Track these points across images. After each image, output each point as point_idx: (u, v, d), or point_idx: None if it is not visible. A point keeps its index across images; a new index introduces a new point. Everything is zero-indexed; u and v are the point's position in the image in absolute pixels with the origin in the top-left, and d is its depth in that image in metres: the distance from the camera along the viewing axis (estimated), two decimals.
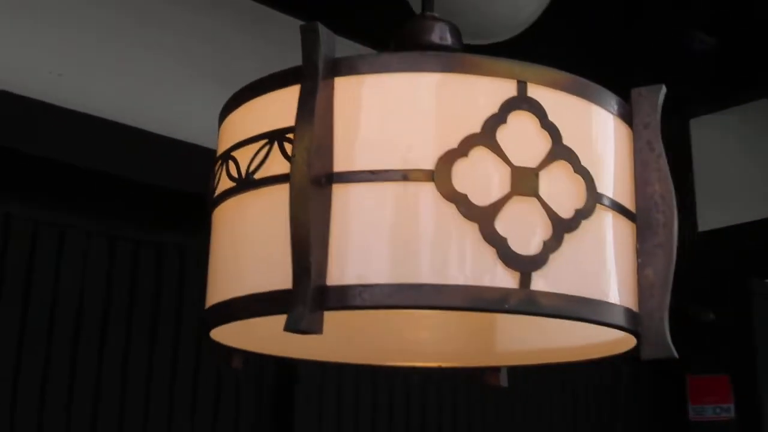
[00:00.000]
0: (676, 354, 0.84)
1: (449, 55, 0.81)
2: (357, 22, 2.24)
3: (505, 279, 0.76)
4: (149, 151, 2.04)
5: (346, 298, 0.75)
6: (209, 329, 0.86)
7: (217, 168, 0.86)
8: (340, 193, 0.77)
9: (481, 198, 0.76)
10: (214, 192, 0.86)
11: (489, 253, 0.75)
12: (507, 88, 0.79)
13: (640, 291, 0.85)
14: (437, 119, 0.79)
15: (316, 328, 0.74)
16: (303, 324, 0.74)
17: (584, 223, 0.79)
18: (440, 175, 0.76)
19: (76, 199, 2.08)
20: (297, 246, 0.75)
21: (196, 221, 1.02)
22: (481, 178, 0.77)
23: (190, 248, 2.23)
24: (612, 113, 0.86)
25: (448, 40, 0.93)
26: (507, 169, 0.77)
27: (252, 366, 2.19)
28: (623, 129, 0.87)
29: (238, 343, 0.92)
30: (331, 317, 0.77)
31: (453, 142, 0.77)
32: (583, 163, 0.80)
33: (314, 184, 0.75)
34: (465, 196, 0.76)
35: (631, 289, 0.84)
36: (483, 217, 0.76)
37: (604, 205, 0.82)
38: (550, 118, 0.80)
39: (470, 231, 0.76)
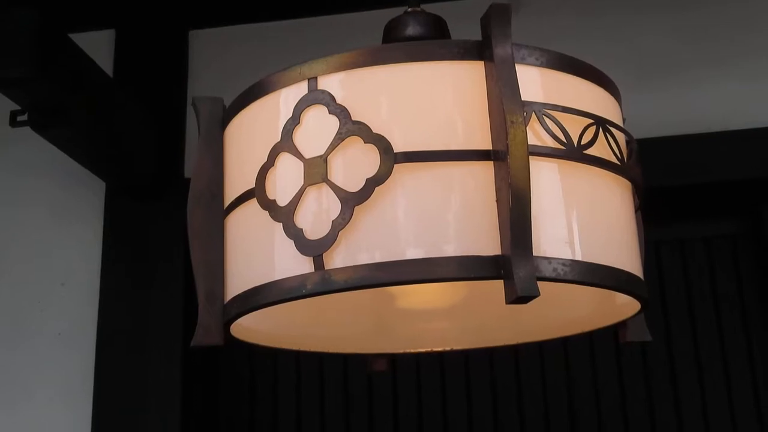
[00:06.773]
0: (538, 292, 0.76)
1: (253, 87, 0.90)
2: None
3: (303, 266, 0.82)
4: None
5: (228, 311, 0.90)
6: None
7: None
8: (228, 220, 0.93)
9: (284, 199, 0.84)
10: None
11: (289, 246, 0.83)
12: (300, 90, 0.85)
13: (501, 232, 0.79)
14: (258, 142, 0.89)
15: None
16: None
17: (379, 189, 0.80)
18: (258, 189, 0.86)
19: None
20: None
21: None
22: (284, 180, 0.85)
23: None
24: (438, 59, 0.83)
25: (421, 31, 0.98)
26: (301, 165, 0.83)
27: None
28: (458, 73, 0.83)
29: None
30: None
31: (265, 157, 0.86)
32: (375, 131, 0.81)
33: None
34: (273, 201, 0.85)
35: (488, 234, 0.79)
36: (285, 216, 0.83)
37: (413, 161, 0.80)
38: (340, 100, 0.83)
39: (277, 231, 0.84)
